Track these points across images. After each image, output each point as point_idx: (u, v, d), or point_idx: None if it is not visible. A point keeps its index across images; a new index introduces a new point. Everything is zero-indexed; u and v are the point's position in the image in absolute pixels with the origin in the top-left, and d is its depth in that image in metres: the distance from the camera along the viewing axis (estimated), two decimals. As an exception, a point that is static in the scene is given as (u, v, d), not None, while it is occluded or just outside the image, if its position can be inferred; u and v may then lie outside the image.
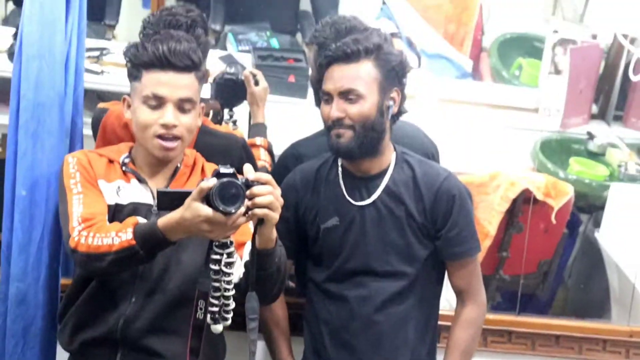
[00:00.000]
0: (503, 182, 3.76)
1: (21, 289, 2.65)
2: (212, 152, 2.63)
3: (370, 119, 2.48)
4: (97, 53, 4.42)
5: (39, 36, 2.57)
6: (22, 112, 2.59)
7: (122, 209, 2.42)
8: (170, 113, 2.38)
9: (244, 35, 5.04)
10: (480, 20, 5.42)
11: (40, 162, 2.61)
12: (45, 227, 2.65)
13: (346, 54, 2.47)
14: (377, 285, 2.55)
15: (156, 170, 2.48)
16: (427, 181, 2.55)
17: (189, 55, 2.39)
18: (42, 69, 2.58)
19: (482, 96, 4.70)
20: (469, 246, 2.58)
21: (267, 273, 2.28)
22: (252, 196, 2.14)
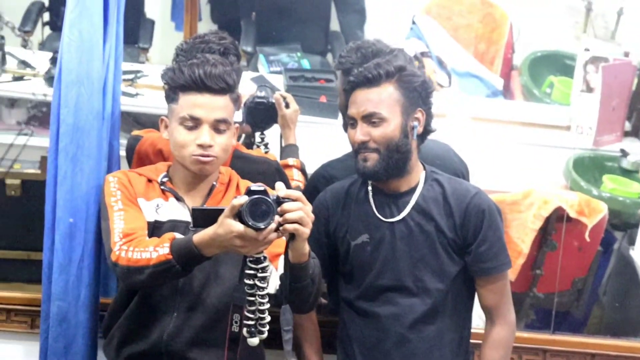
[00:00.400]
0: (536, 200, 3.80)
1: (62, 307, 2.74)
2: (246, 176, 2.71)
3: (394, 140, 2.56)
4: (131, 76, 4.53)
5: (77, 63, 2.67)
6: (61, 136, 2.68)
7: (161, 226, 2.53)
8: (206, 134, 2.49)
9: (275, 56, 5.14)
10: (510, 39, 5.47)
11: (79, 184, 2.70)
12: (85, 248, 2.74)
13: (368, 78, 2.56)
14: (408, 302, 2.61)
15: (193, 188, 2.59)
16: (457, 197, 2.61)
17: (224, 78, 2.50)
18: (81, 94, 2.68)
19: (514, 114, 4.74)
20: (498, 262, 2.62)
21: (302, 285, 2.36)
22: (282, 212, 2.23)
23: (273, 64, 5.05)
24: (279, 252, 2.42)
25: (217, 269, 2.52)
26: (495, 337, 2.64)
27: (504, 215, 3.82)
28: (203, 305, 2.52)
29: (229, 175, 2.65)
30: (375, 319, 2.63)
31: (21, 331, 3.08)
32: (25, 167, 3.54)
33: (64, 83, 2.68)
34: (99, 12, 2.70)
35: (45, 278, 2.79)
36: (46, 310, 2.79)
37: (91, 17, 2.67)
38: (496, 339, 2.64)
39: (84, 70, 2.68)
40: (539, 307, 3.98)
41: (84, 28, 2.67)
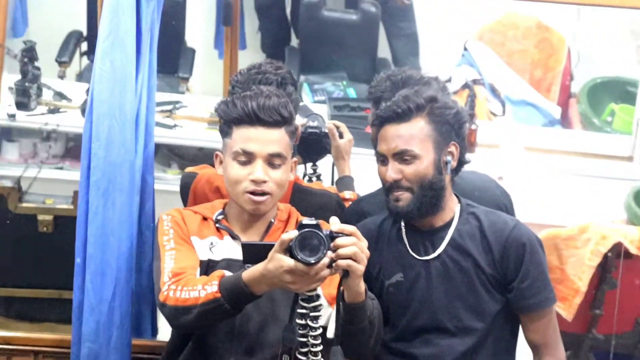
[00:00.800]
0: (594, 235, 3.73)
1: (93, 349, 2.72)
2: (307, 210, 2.69)
3: (428, 177, 2.52)
4: (169, 107, 4.56)
5: (109, 94, 2.66)
6: (93, 170, 2.68)
7: (215, 265, 2.49)
8: (259, 169, 2.47)
9: (320, 85, 5.15)
10: (568, 65, 5.45)
11: (111, 220, 2.69)
12: (116, 286, 2.72)
13: (397, 113, 2.51)
14: (446, 342, 2.56)
15: (249, 226, 2.56)
16: (495, 231, 2.56)
17: (278, 111, 2.47)
18: (113, 127, 2.67)
19: (572, 144, 4.71)
20: (543, 297, 2.56)
21: (359, 327, 2.32)
22: (335, 247, 2.21)
23: (317, 92, 5.06)
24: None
25: (274, 310, 2.48)
26: None
27: (559, 251, 3.79)
28: (261, 348, 2.47)
29: (288, 212, 2.63)
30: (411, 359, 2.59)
31: (50, 375, 3.07)
32: (57, 202, 3.56)
33: (96, 115, 2.68)
34: (132, 41, 2.70)
35: (75, 318, 2.78)
36: (76, 353, 2.78)
37: (124, 47, 2.67)
38: None
39: (116, 102, 2.68)
40: (599, 350, 3.90)
41: (116, 58, 2.67)
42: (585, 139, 4.88)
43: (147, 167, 2.92)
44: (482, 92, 5.01)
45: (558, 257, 3.81)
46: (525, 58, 5.45)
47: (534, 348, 2.62)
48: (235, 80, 2.87)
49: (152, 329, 3.08)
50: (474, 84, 4.93)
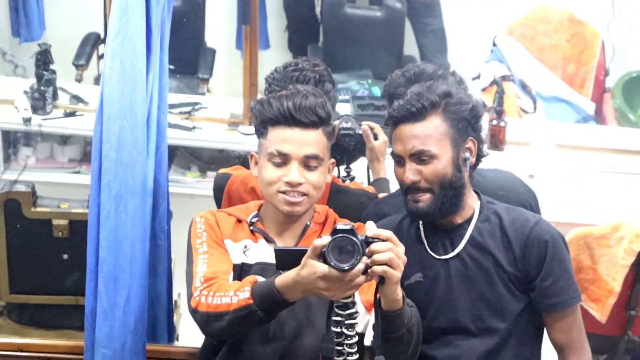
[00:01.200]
0: (627, 233, 3.72)
1: (107, 355, 2.74)
2: (346, 210, 2.70)
3: (447, 177, 2.51)
4: (189, 108, 4.59)
5: (119, 95, 2.68)
6: (104, 173, 2.70)
7: (249, 269, 2.50)
8: (295, 171, 2.47)
9: (344, 84, 5.16)
10: (602, 59, 5.42)
11: (123, 224, 2.72)
12: (130, 290, 2.75)
13: (411, 112, 2.50)
14: (467, 344, 2.55)
15: (285, 228, 2.57)
16: (516, 228, 2.55)
17: (315, 111, 2.47)
18: (124, 127, 2.69)
19: (606, 141, 4.69)
20: (567, 296, 2.55)
21: (397, 335, 2.32)
22: (371, 253, 2.20)
23: (342, 92, 5.07)
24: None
25: (310, 315, 2.48)
26: None
27: (592, 250, 3.78)
28: (296, 355, 2.48)
29: (325, 214, 2.63)
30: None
31: (64, 382, 3.11)
32: (73, 206, 3.58)
33: (106, 116, 2.70)
34: (142, 40, 2.72)
35: (88, 324, 2.80)
36: (89, 359, 2.81)
37: (134, 46, 2.69)
38: None
39: (126, 103, 2.69)
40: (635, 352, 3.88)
41: (125, 57, 2.68)
42: (619, 135, 4.86)
43: (160, 169, 2.95)
44: (512, 88, 5.00)
45: (590, 256, 3.80)
46: (557, 53, 5.44)
47: (559, 349, 2.60)
48: (272, 78, 2.88)
49: (168, 335, 3.11)
50: (503, 80, 4.92)
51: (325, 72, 2.88)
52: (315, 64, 2.90)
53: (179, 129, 4.47)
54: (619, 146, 4.63)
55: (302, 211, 2.52)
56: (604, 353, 3.97)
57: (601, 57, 5.42)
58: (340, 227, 2.20)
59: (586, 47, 5.44)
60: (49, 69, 4.44)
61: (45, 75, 4.42)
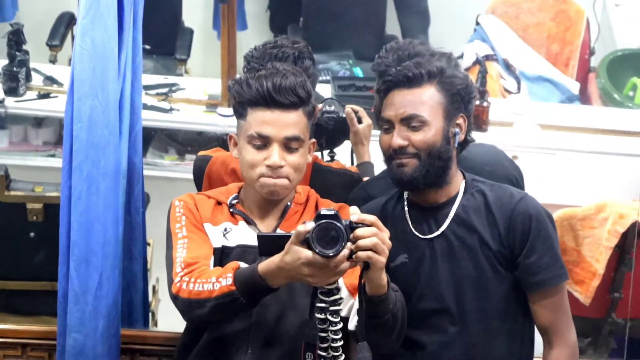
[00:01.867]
0: (611, 214, 3.71)
1: (78, 340, 2.73)
2: (329, 190, 2.69)
3: (436, 146, 2.50)
4: (166, 90, 4.56)
5: (90, 73, 2.66)
6: (75, 153, 2.68)
7: (230, 252, 2.49)
8: (276, 153, 2.45)
9: (325, 64, 5.12)
10: (587, 38, 5.40)
11: (95, 205, 2.70)
12: (103, 274, 2.73)
13: (408, 77, 2.50)
14: (455, 329, 2.53)
15: (265, 210, 2.55)
16: (500, 205, 2.53)
17: (295, 91, 2.45)
18: (95, 107, 2.67)
19: (590, 121, 4.67)
20: (551, 274, 2.51)
21: (382, 321, 2.31)
22: (355, 239, 2.19)
23: (322, 72, 5.02)
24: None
25: (293, 298, 2.47)
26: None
27: (575, 232, 3.78)
28: (280, 339, 2.46)
29: (307, 195, 2.62)
30: (421, 349, 2.57)
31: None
32: (47, 189, 3.55)
33: (77, 95, 2.68)
34: (114, 17, 2.70)
35: (60, 309, 2.80)
36: (62, 344, 2.79)
37: (105, 24, 2.67)
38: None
39: (97, 82, 2.68)
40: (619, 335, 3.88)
41: (97, 36, 2.66)
42: (604, 115, 4.84)
43: (135, 149, 2.93)
44: (495, 68, 4.98)
45: (574, 238, 3.79)
46: (541, 32, 5.41)
47: (543, 332, 2.57)
48: (251, 55, 2.85)
49: (144, 319, 3.09)
50: (486, 60, 4.88)
51: (305, 49, 2.85)
52: (295, 41, 2.87)
53: (156, 111, 4.44)
54: (604, 126, 4.60)
55: (283, 194, 2.51)
56: (588, 336, 3.96)
57: (586, 35, 5.39)
58: (324, 213, 2.19)
59: (571, 25, 5.41)
60: (21, 49, 4.40)
61: (18, 56, 4.38)
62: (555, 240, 2.55)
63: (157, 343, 3.04)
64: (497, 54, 5.07)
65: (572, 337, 2.57)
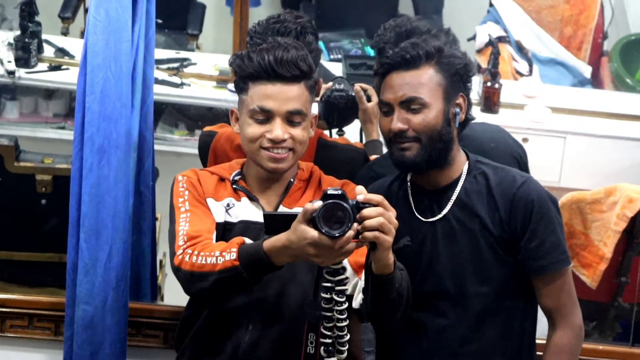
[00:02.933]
0: (620, 198, 3.70)
1: (88, 311, 2.75)
2: (333, 166, 2.69)
3: (437, 128, 2.48)
4: (177, 64, 4.56)
5: (104, 45, 2.67)
6: (87, 125, 2.69)
7: (232, 227, 2.49)
8: (278, 127, 2.44)
9: (337, 42, 5.11)
10: (600, 22, 5.38)
11: (106, 177, 2.71)
12: (112, 246, 2.75)
13: (405, 59, 2.47)
14: (455, 312, 2.54)
15: (268, 186, 2.54)
16: (503, 189, 2.51)
17: (297, 64, 2.43)
18: (108, 79, 2.68)
19: (602, 105, 4.67)
20: (554, 259, 2.50)
21: (387, 300, 2.31)
22: (362, 219, 2.19)
23: (333, 51, 5.03)
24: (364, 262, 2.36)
25: (294, 274, 2.46)
26: (558, 342, 2.53)
27: (584, 216, 3.77)
28: (281, 316, 2.47)
29: (310, 171, 2.60)
30: (423, 331, 2.57)
31: (44, 338, 3.09)
32: (57, 161, 3.56)
33: (90, 67, 2.69)
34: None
35: (69, 280, 2.82)
36: (70, 315, 2.81)
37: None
38: (558, 344, 2.53)
39: (111, 53, 2.69)
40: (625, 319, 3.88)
41: (111, 7, 2.68)
42: (616, 99, 4.84)
43: (146, 123, 2.94)
44: (507, 50, 4.97)
45: (582, 221, 3.79)
46: (555, 14, 5.38)
47: (548, 315, 2.57)
48: (254, 30, 2.84)
49: (151, 293, 3.10)
50: (498, 42, 4.88)
51: (308, 24, 2.84)
52: (298, 16, 2.86)
53: (167, 85, 4.45)
54: (616, 110, 4.61)
55: (286, 167, 2.50)
56: (594, 320, 3.96)
57: (600, 19, 5.37)
58: (331, 192, 2.18)
59: (585, 8, 5.39)
60: (33, 20, 4.41)
61: (30, 27, 4.39)
62: (559, 225, 2.54)
63: (163, 317, 3.07)
64: (510, 36, 5.06)
65: (577, 320, 2.56)
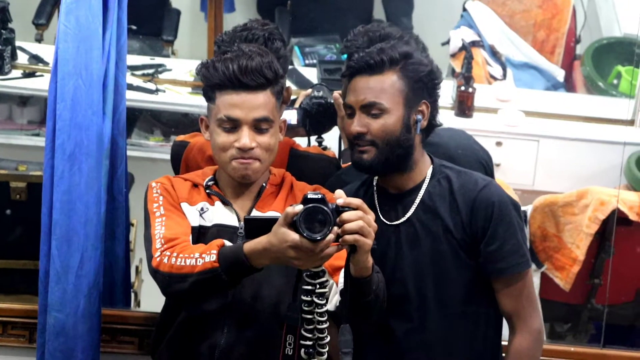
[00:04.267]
0: (592, 201, 3.73)
1: (59, 319, 2.74)
2: (305, 176, 2.69)
3: (395, 134, 2.49)
4: (152, 70, 4.55)
5: (74, 52, 2.67)
6: (58, 133, 2.69)
7: (206, 231, 2.50)
8: (246, 136, 2.45)
9: (312, 47, 5.12)
10: (573, 26, 5.40)
11: (77, 185, 2.71)
12: (84, 253, 2.74)
13: (369, 64, 2.49)
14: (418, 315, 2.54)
15: (240, 191, 2.56)
16: (464, 192, 2.53)
17: (262, 72, 2.45)
18: (79, 87, 2.68)
19: (575, 109, 4.68)
20: (513, 262, 2.51)
21: (365, 301, 2.33)
22: (342, 222, 2.20)
23: (308, 56, 5.03)
24: (340, 265, 2.38)
25: (268, 277, 2.47)
26: (517, 347, 2.54)
27: (557, 218, 3.79)
28: (256, 318, 2.48)
29: (282, 176, 2.62)
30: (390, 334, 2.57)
31: (19, 346, 3.08)
32: (31, 169, 3.54)
33: (60, 75, 2.69)
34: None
35: (41, 287, 2.80)
36: (43, 323, 2.80)
37: (89, 3, 2.68)
38: (518, 349, 2.54)
39: (81, 61, 2.69)
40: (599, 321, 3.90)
41: (81, 15, 2.67)
42: (588, 102, 4.86)
43: (119, 130, 2.93)
44: (481, 54, 4.99)
45: (555, 224, 3.81)
46: (527, 19, 5.40)
47: (508, 319, 2.58)
48: (221, 40, 2.84)
49: (125, 299, 3.09)
50: (472, 46, 4.89)
51: (275, 31, 2.85)
52: (265, 23, 2.87)
53: (142, 92, 4.44)
54: (588, 114, 4.61)
55: (255, 177, 2.52)
56: (568, 322, 3.99)
57: (572, 23, 5.39)
58: (311, 197, 2.20)
59: (557, 12, 5.41)
60: (7, 27, 4.38)
61: (4, 34, 4.36)
62: (519, 228, 2.54)
63: (137, 323, 3.06)
64: (483, 40, 5.07)
65: (536, 324, 2.56)
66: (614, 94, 4.97)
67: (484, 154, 2.90)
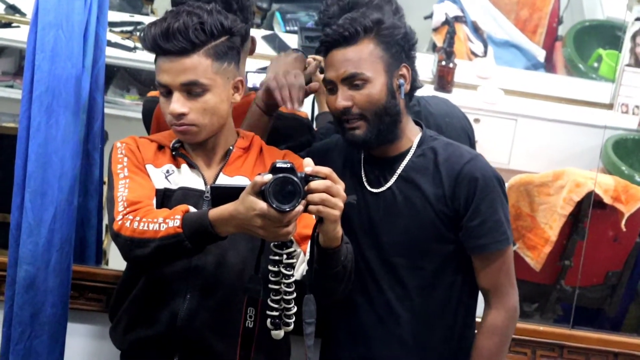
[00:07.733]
0: (568, 182, 3.74)
1: (30, 272, 2.72)
2: (276, 135, 2.68)
3: (382, 102, 2.48)
4: (131, 28, 4.52)
5: (56, 3, 2.63)
6: (36, 84, 2.65)
7: (172, 194, 2.46)
8: (175, 101, 2.40)
9: (293, 14, 5.09)
10: (556, 6, 5.41)
11: (54, 138, 2.68)
12: (58, 207, 2.72)
13: (343, 36, 2.47)
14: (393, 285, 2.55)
15: (206, 154, 2.52)
16: (449, 165, 2.52)
17: (185, 36, 2.35)
18: (59, 38, 2.64)
19: (554, 89, 4.70)
20: (493, 238, 2.52)
21: (332, 272, 2.31)
22: (309, 191, 2.17)
23: (290, 22, 5.01)
24: (308, 234, 2.34)
25: (234, 243, 2.43)
26: (491, 322, 2.56)
27: (531, 198, 3.81)
28: (220, 285, 2.44)
29: (250, 139, 2.57)
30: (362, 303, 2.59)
31: (-15, 299, 3.06)
32: (3, 120, 3.51)
33: (41, 25, 2.65)
34: (81, -53, 2.67)
35: (12, 240, 2.78)
36: (12, 276, 2.78)
37: (72, -47, 2.65)
38: (492, 324, 2.55)
39: (63, 12, 2.65)
40: (566, 302, 3.93)
41: (64, -35, 2.64)
42: (568, 84, 4.88)
43: (97, 85, 2.90)
44: (463, 30, 4.99)
45: (529, 204, 3.83)
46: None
47: (485, 295, 2.59)
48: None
49: (96, 256, 3.08)
50: (455, 21, 4.89)
51: None
52: None
53: (120, 49, 4.41)
54: (568, 95, 4.64)
55: (197, 139, 2.46)
56: (536, 301, 4.01)
57: (555, 4, 5.40)
58: (280, 166, 2.17)
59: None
60: (-17, -23, 4.34)
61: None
62: (502, 205, 2.54)
63: (107, 281, 3.03)
64: (466, 16, 5.08)
65: (512, 301, 2.58)
66: (594, 77, 4.99)
67: (467, 122, 2.92)
